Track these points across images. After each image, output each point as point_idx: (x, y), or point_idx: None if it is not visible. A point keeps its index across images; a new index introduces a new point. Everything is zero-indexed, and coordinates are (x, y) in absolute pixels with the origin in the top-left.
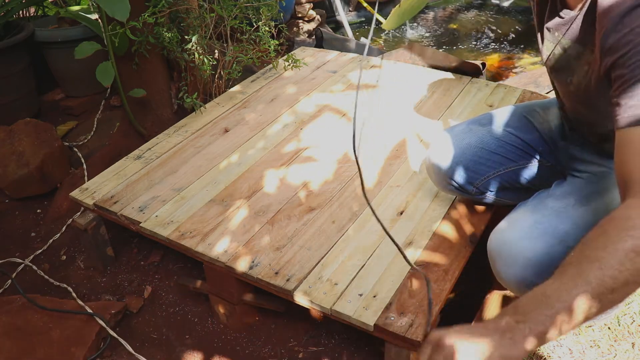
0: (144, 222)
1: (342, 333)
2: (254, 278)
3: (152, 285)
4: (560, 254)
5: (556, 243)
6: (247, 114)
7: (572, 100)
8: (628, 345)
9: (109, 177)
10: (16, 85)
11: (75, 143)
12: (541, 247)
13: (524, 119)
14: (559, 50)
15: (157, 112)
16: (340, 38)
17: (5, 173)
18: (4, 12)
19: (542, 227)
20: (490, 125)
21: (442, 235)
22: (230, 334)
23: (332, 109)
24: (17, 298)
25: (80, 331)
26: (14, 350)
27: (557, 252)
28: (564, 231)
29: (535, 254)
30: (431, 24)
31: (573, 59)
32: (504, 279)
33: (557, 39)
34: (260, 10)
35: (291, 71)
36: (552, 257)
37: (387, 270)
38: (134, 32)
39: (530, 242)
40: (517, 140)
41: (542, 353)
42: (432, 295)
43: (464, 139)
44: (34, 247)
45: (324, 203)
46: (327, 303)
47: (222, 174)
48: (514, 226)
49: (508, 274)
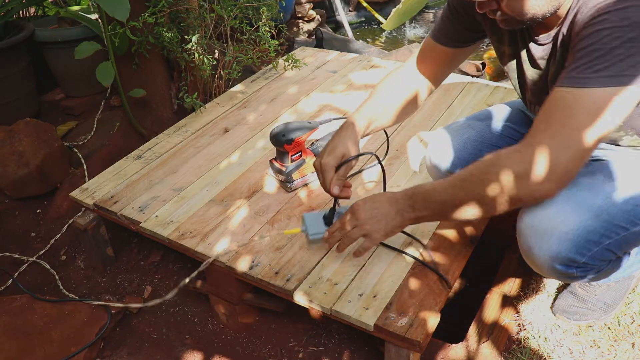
0: (144, 222)
1: (342, 333)
2: (254, 278)
3: (152, 285)
4: (595, 228)
5: (591, 217)
6: (247, 114)
7: None
8: (628, 345)
9: (109, 177)
10: (16, 85)
11: (75, 143)
12: (577, 220)
13: (521, 114)
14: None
15: (157, 112)
16: (340, 38)
17: (5, 173)
18: (4, 12)
19: (576, 201)
20: (489, 120)
21: (442, 235)
22: (230, 334)
23: (332, 109)
24: (17, 298)
25: (80, 331)
26: (14, 350)
27: (592, 226)
28: (597, 205)
29: (571, 227)
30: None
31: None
32: (536, 254)
33: (542, 62)
34: (260, 10)
35: (291, 71)
36: (588, 230)
37: (387, 270)
38: (134, 32)
39: (566, 215)
40: (516, 134)
41: (542, 353)
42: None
43: (463, 134)
44: (34, 247)
45: (324, 203)
46: (327, 303)
47: (222, 174)
48: (547, 201)
49: (542, 249)
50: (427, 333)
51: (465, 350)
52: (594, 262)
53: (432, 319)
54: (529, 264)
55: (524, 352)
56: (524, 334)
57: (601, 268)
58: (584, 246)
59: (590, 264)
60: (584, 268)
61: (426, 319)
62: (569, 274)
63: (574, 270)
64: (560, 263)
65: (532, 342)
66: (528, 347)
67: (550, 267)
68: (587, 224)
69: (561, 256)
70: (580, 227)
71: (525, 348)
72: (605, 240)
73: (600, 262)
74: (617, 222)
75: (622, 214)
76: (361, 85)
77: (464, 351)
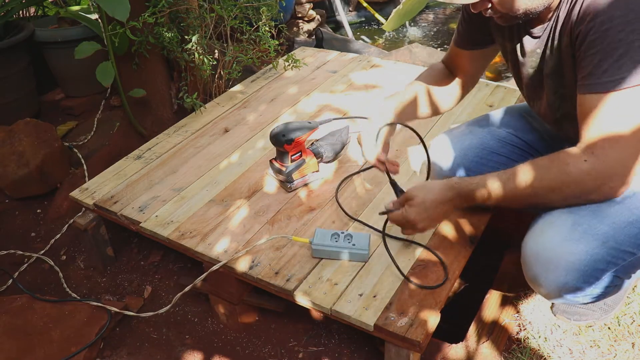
0: (144, 222)
1: (342, 333)
2: (254, 278)
3: (152, 285)
4: (602, 257)
5: (598, 245)
6: (247, 114)
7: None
8: (628, 345)
9: (109, 177)
10: (16, 85)
11: (75, 143)
12: (583, 250)
13: (522, 119)
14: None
15: (157, 112)
16: (340, 38)
17: (5, 173)
18: (4, 12)
19: (582, 229)
20: (490, 127)
21: (442, 235)
22: (230, 334)
23: (332, 109)
24: (17, 298)
25: (80, 331)
26: (14, 350)
27: (599, 254)
28: (603, 232)
29: (577, 257)
30: (431, 24)
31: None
32: (542, 284)
33: (537, 55)
34: (260, 10)
35: (291, 71)
36: (595, 260)
37: (387, 270)
38: (134, 32)
39: (572, 244)
40: (517, 141)
41: (542, 353)
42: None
43: (464, 141)
44: (34, 247)
45: (324, 203)
46: (327, 303)
47: (222, 174)
48: (553, 228)
49: (548, 280)
50: (427, 333)
51: (465, 350)
52: (600, 288)
53: (432, 319)
54: (534, 290)
55: (524, 352)
56: (524, 334)
57: (608, 292)
58: (592, 275)
59: (597, 290)
60: (592, 295)
61: (426, 319)
62: (576, 300)
63: (581, 297)
64: (568, 292)
65: (532, 342)
66: (528, 347)
67: (557, 296)
68: (593, 253)
69: (569, 286)
70: (587, 257)
71: (525, 348)
72: (613, 267)
73: (607, 287)
74: (624, 247)
75: (628, 239)
76: (361, 85)
77: (463, 351)
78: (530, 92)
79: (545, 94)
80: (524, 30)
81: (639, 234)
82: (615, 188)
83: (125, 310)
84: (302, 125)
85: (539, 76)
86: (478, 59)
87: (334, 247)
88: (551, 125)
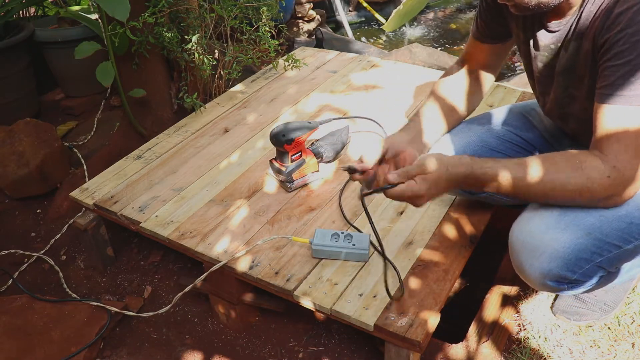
0: (144, 222)
1: (342, 333)
2: (254, 278)
3: (152, 285)
4: (586, 247)
5: (583, 235)
6: (247, 114)
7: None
8: (628, 345)
9: (109, 177)
10: (16, 85)
11: (75, 143)
12: (568, 238)
13: (522, 118)
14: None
15: (157, 112)
16: (340, 38)
17: (5, 173)
18: (4, 12)
19: (569, 219)
20: (490, 124)
21: (442, 235)
22: (230, 334)
23: (332, 109)
24: (17, 298)
25: (80, 331)
26: (14, 350)
27: (584, 244)
28: (590, 223)
29: (562, 245)
30: (431, 24)
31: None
32: (527, 271)
33: (551, 50)
34: (260, 10)
35: (291, 71)
36: (579, 249)
37: (387, 271)
38: (134, 32)
39: (557, 233)
40: (517, 138)
41: (542, 353)
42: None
43: (463, 138)
44: (34, 247)
45: (324, 203)
46: (327, 303)
47: (222, 174)
48: (540, 216)
49: (533, 267)
50: (427, 333)
51: (465, 350)
52: (584, 278)
53: (432, 319)
54: (520, 277)
55: (524, 352)
56: (524, 334)
57: (592, 283)
58: (575, 264)
59: (581, 280)
60: (575, 284)
61: (426, 319)
62: (560, 289)
63: (565, 286)
64: (551, 280)
65: (532, 342)
66: (528, 347)
67: (541, 283)
68: (578, 242)
69: (552, 273)
70: (572, 245)
71: (525, 348)
72: (597, 258)
73: (591, 278)
74: (610, 240)
75: (615, 232)
76: (361, 85)
77: (464, 351)
78: (539, 85)
79: (554, 90)
80: (539, 22)
81: (627, 229)
82: (625, 200)
83: (125, 310)
84: (302, 125)
85: (550, 72)
86: (497, 52)
87: (334, 247)
88: (555, 120)
